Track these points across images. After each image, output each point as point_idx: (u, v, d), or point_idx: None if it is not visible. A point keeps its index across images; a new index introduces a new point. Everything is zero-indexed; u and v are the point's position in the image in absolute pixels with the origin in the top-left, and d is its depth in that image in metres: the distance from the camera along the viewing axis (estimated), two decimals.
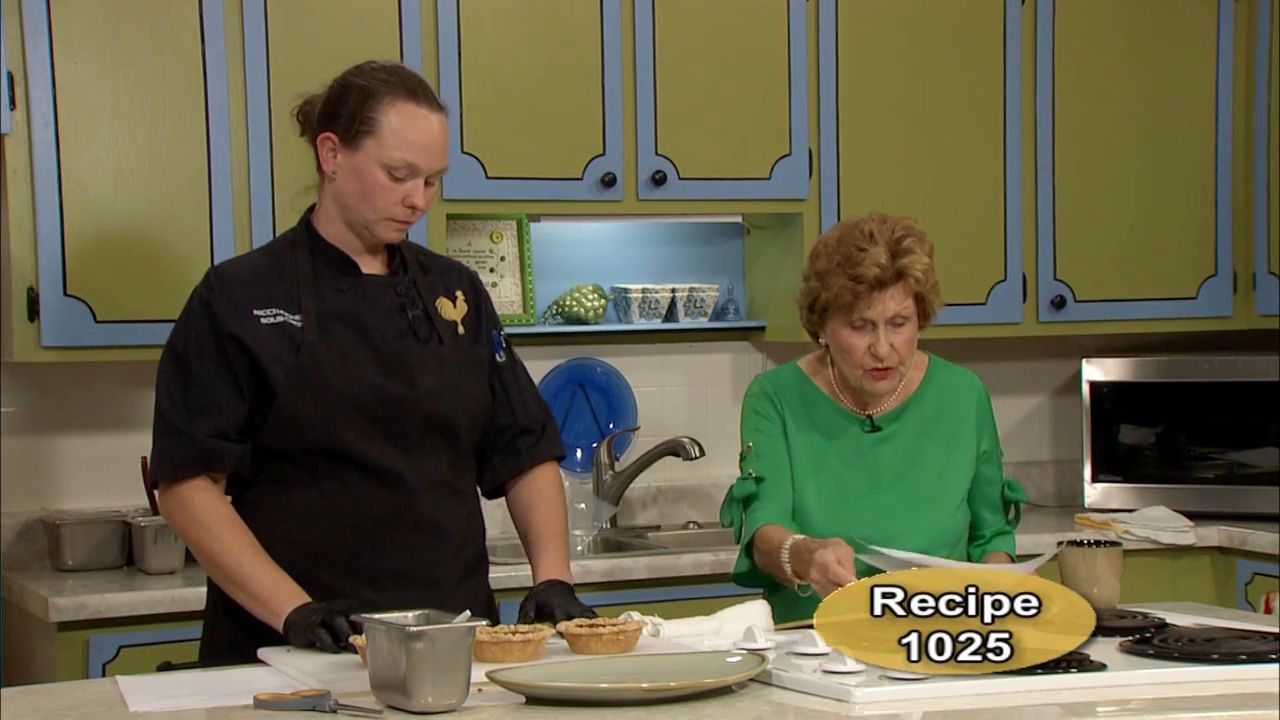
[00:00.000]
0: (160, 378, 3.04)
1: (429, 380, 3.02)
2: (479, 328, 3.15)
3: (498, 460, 3.17)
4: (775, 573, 3.24)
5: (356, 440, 2.97)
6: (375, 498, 2.99)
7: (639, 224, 4.86)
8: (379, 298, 3.05)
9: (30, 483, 4.31)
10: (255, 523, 2.99)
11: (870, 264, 3.18)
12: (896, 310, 3.22)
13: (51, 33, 3.97)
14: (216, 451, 2.97)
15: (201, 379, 2.98)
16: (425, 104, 2.99)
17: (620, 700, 2.46)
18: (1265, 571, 4.60)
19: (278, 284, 3.01)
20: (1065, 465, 5.28)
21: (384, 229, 3.01)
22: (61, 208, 3.99)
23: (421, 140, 2.97)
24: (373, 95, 2.97)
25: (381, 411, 2.98)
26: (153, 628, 3.85)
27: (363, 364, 2.99)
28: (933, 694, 2.52)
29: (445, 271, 3.17)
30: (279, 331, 2.98)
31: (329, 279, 3.04)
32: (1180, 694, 2.57)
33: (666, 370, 4.92)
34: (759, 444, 3.35)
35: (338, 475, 2.98)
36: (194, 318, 3.02)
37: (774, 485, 3.31)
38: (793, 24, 4.63)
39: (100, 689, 2.70)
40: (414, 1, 4.27)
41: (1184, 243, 5.06)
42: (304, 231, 3.07)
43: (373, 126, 2.95)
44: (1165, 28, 5.02)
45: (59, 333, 4.00)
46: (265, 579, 2.92)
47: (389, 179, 2.97)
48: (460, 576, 3.07)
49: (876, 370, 3.25)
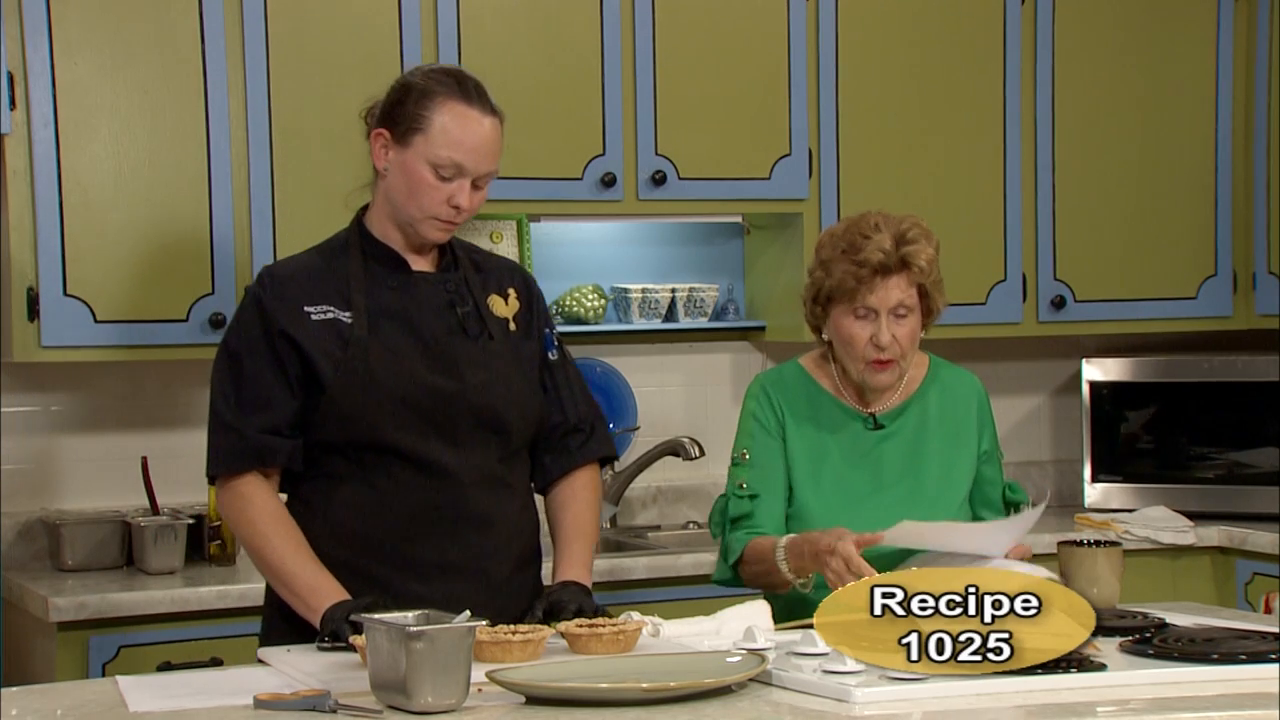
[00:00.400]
0: (214, 375, 3.09)
1: (477, 375, 3.06)
2: (530, 325, 3.19)
3: (548, 458, 3.21)
4: (768, 580, 3.25)
5: (404, 434, 3.01)
6: (424, 491, 3.03)
7: (639, 224, 4.86)
8: (429, 295, 3.09)
9: (30, 483, 4.31)
10: (307, 517, 3.04)
11: (874, 249, 3.20)
12: (900, 299, 3.22)
13: (51, 33, 3.98)
14: (267, 447, 3.01)
15: (253, 375, 3.02)
16: (478, 106, 3.04)
17: (620, 700, 2.46)
18: (1265, 571, 4.60)
19: (329, 282, 3.06)
20: (1065, 465, 5.28)
21: (428, 228, 3.06)
22: (61, 208, 3.99)
23: (470, 141, 3.02)
24: (427, 95, 3.03)
25: (429, 406, 3.02)
26: (153, 628, 3.86)
27: (411, 359, 3.03)
28: (933, 694, 2.52)
29: (498, 270, 3.21)
30: (329, 328, 3.02)
31: (380, 276, 3.08)
32: (1180, 694, 2.57)
33: (666, 370, 4.92)
34: (754, 452, 3.34)
35: (386, 469, 3.02)
36: (246, 316, 3.07)
37: (767, 502, 3.31)
38: (793, 24, 4.63)
39: (100, 689, 2.70)
40: (414, 1, 4.27)
41: (1184, 243, 5.06)
42: (356, 230, 3.13)
43: (423, 124, 3.01)
44: (1165, 28, 5.02)
45: (59, 333, 4.00)
46: (305, 575, 2.96)
47: (435, 177, 3.02)
48: (511, 570, 3.10)
49: (878, 362, 3.25)
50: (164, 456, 4.33)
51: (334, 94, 4.19)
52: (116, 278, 4.04)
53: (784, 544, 3.19)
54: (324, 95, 4.19)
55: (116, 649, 3.83)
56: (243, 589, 3.92)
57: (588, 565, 3.13)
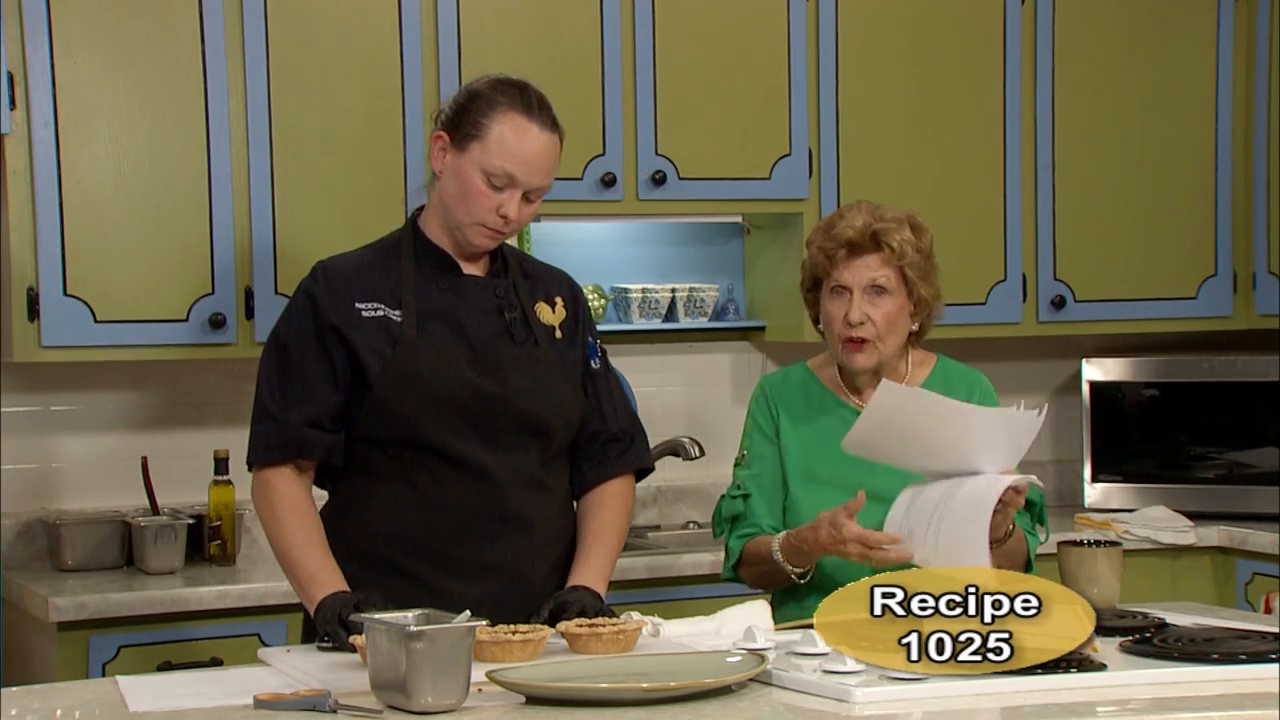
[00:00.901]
0: (261, 365, 3.12)
1: (520, 379, 3.09)
2: (576, 333, 3.22)
3: (587, 466, 3.23)
4: (769, 579, 3.28)
5: (447, 435, 3.04)
6: (463, 491, 3.05)
7: (639, 224, 4.86)
8: (478, 298, 3.12)
9: (30, 483, 4.31)
10: (346, 515, 3.08)
11: (846, 226, 3.25)
12: (872, 277, 3.24)
13: (51, 33, 3.98)
14: (306, 440, 3.04)
15: (300, 367, 3.06)
16: (537, 120, 3.07)
17: (620, 700, 2.46)
18: (1265, 571, 4.60)
19: (381, 280, 3.09)
20: (1065, 465, 5.28)
21: (475, 234, 3.08)
22: (61, 208, 3.99)
23: (524, 154, 3.04)
24: (490, 104, 3.06)
25: (474, 407, 3.05)
26: (153, 628, 3.86)
27: (457, 361, 3.05)
28: (933, 694, 2.52)
29: (547, 277, 3.25)
30: (379, 325, 3.05)
31: (431, 277, 3.11)
32: (1180, 694, 2.57)
33: (666, 370, 4.93)
34: (751, 453, 3.39)
35: (428, 468, 3.05)
36: (297, 308, 3.10)
37: (759, 502, 3.34)
38: (793, 24, 4.63)
39: (100, 689, 2.70)
40: (414, 2, 4.27)
41: (1184, 243, 5.06)
42: (410, 230, 3.16)
43: (482, 132, 3.04)
44: (1165, 28, 5.02)
45: (59, 333, 4.00)
46: (308, 563, 2.99)
47: (487, 185, 3.04)
48: (548, 571, 3.12)
49: (851, 341, 3.25)
50: (164, 456, 4.34)
51: (334, 94, 4.20)
52: (116, 278, 4.04)
53: (779, 544, 3.23)
54: (324, 95, 4.19)
55: (116, 649, 3.83)
56: (243, 589, 3.93)
57: (603, 573, 3.14)
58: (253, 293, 4.14)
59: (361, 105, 4.23)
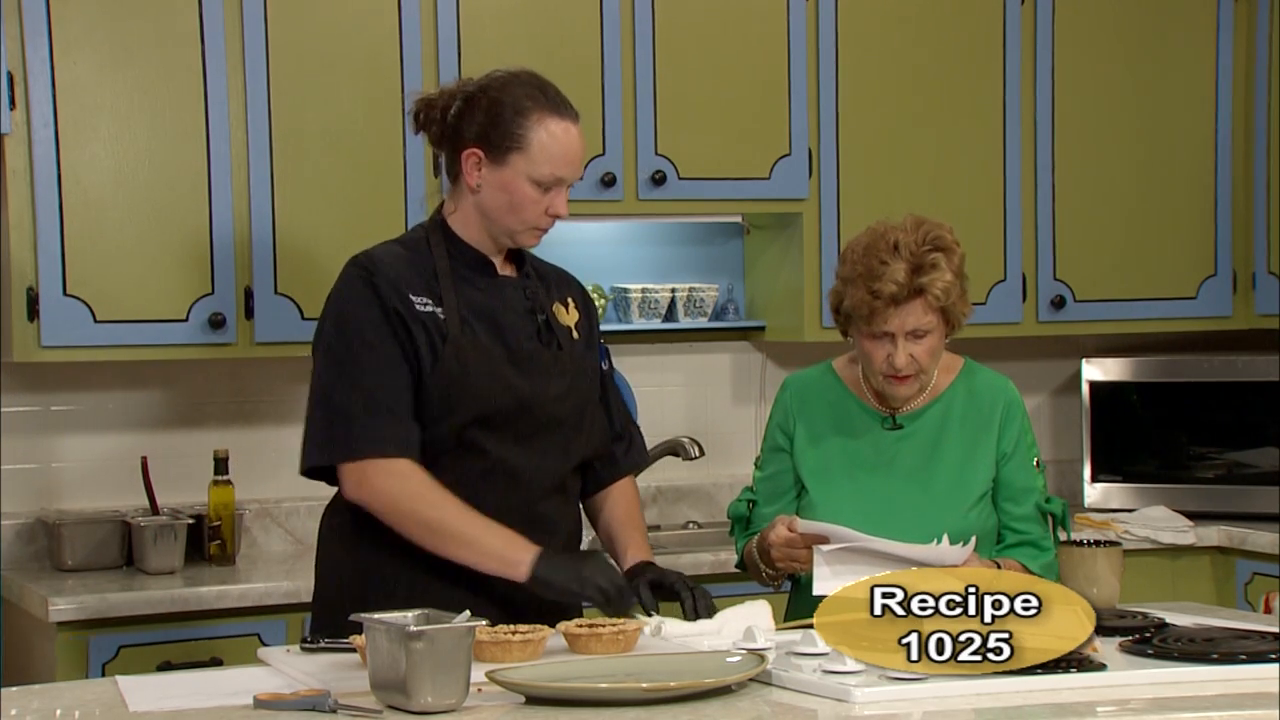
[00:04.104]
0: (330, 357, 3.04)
1: (556, 383, 3.11)
2: (591, 335, 3.24)
3: (598, 464, 3.26)
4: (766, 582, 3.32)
5: (486, 435, 3.04)
6: (497, 492, 3.05)
7: (639, 224, 4.85)
8: (513, 299, 3.13)
9: (30, 483, 4.31)
10: None
11: (888, 280, 3.14)
12: (915, 325, 3.19)
13: (51, 33, 3.97)
14: (416, 434, 3.01)
15: (388, 357, 3.00)
16: (568, 116, 3.09)
17: (620, 700, 2.46)
18: (1265, 571, 4.60)
19: (420, 275, 3.07)
20: (1065, 465, 5.28)
21: (527, 236, 3.11)
22: (61, 208, 3.99)
23: (569, 155, 3.07)
24: (521, 112, 3.05)
25: (513, 410, 3.06)
26: (153, 628, 3.86)
27: (500, 362, 3.06)
28: (933, 694, 2.52)
29: (556, 278, 3.26)
30: (431, 320, 3.04)
31: (466, 276, 3.10)
32: (1180, 694, 2.57)
33: (666, 370, 4.92)
34: (765, 455, 3.40)
35: (462, 467, 3.04)
36: (356, 295, 3.04)
37: (763, 506, 3.36)
38: (793, 24, 4.63)
39: (100, 689, 2.70)
40: (414, 2, 4.27)
41: (1184, 243, 5.06)
42: (439, 230, 3.13)
43: (521, 143, 3.04)
44: (1165, 28, 5.02)
45: (59, 333, 4.00)
46: (496, 534, 2.98)
47: (537, 192, 3.05)
48: None
49: (895, 377, 3.24)
50: (164, 456, 4.34)
51: (334, 94, 4.20)
52: (116, 278, 4.04)
53: (755, 547, 3.27)
54: (324, 95, 4.19)
55: (116, 649, 3.83)
56: (243, 589, 3.93)
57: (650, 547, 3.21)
58: (252, 293, 4.14)
59: (361, 105, 4.23)
